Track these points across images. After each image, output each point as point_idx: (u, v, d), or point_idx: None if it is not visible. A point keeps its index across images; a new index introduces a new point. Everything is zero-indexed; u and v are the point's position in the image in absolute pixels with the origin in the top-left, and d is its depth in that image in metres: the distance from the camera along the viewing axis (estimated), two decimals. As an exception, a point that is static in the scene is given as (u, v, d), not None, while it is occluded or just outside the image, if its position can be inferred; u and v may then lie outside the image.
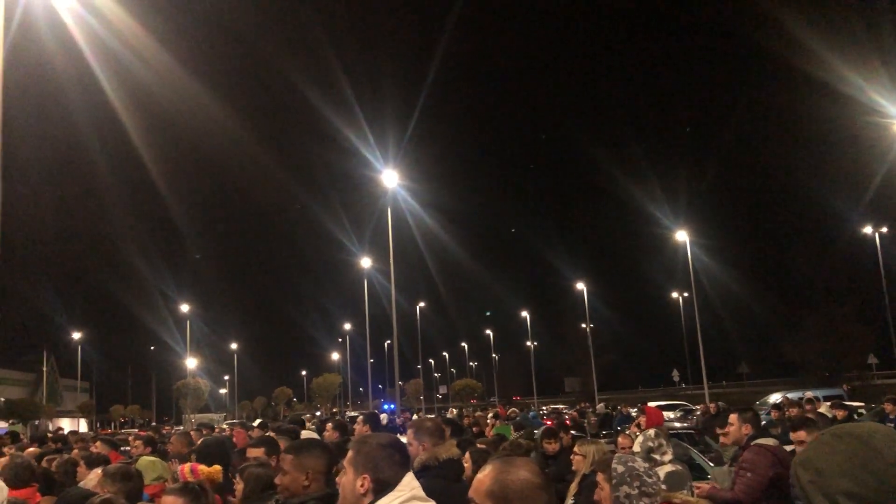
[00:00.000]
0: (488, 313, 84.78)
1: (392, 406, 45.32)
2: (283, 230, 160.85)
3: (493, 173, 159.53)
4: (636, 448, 5.42)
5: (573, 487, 6.09)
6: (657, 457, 5.13)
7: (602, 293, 72.13)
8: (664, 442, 5.32)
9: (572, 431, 9.80)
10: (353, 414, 33.75)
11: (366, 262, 49.52)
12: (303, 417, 18.01)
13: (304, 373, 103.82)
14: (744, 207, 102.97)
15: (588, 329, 63.66)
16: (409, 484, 2.93)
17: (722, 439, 6.31)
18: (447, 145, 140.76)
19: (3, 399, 57.32)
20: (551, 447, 8.14)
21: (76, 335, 75.67)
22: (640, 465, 3.56)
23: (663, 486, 3.60)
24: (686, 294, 61.83)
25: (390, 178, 32.71)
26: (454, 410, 40.65)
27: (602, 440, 10.78)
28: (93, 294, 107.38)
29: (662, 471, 5.01)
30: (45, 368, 72.77)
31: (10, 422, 51.63)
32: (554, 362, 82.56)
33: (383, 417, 19.24)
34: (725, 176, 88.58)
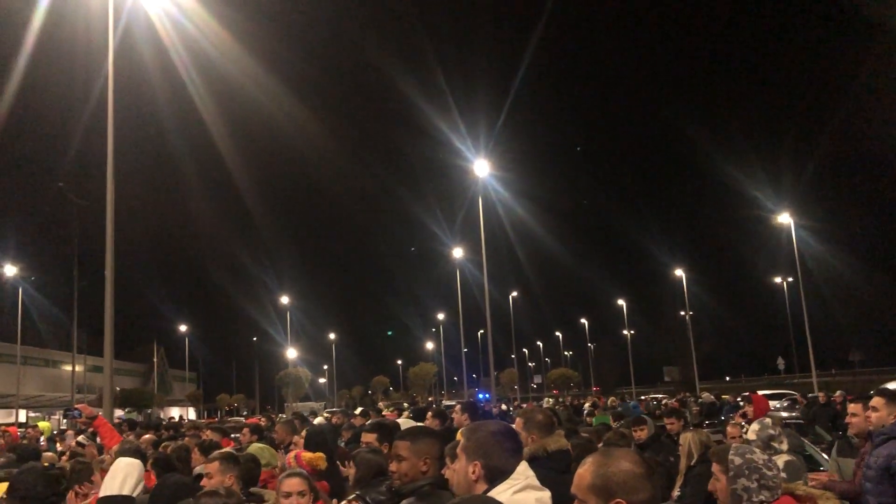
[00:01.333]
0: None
1: (487, 395, 45.42)
2: (377, 222, 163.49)
3: (587, 159, 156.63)
4: (751, 437, 5.20)
5: (679, 479, 5.93)
6: (775, 445, 4.92)
7: (701, 279, 70.13)
8: (781, 430, 5.10)
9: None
10: (449, 403, 34.02)
11: (458, 253, 49.70)
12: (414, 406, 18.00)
13: (399, 362, 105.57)
14: (853, 187, 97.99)
15: (687, 317, 62.07)
16: (524, 473, 2.92)
17: (851, 429, 6.00)
18: (540, 133, 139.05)
19: (118, 388, 60.57)
20: (638, 435, 7.98)
21: (184, 327, 79.23)
22: (759, 456, 3.39)
23: (783, 475, 3.43)
24: (790, 279, 59.40)
25: (481, 168, 32.76)
26: (549, 400, 40.39)
27: (705, 430, 10.46)
28: (199, 288, 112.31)
29: (780, 460, 4.81)
30: (155, 359, 76.47)
31: (127, 410, 54.49)
32: (652, 351, 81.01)
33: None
34: (833, 154, 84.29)
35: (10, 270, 45.30)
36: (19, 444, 10.17)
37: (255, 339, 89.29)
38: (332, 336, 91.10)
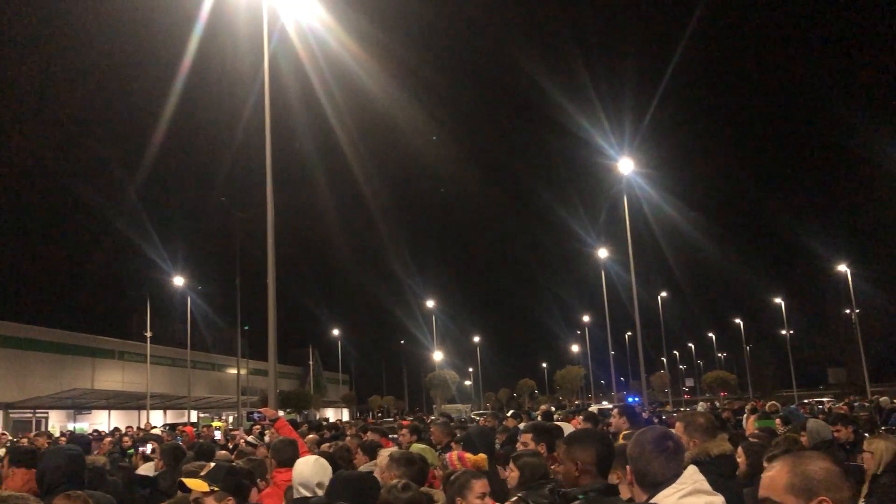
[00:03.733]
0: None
1: (637, 399, 44.29)
2: (519, 224, 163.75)
3: (739, 152, 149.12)
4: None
5: (864, 489, 5.53)
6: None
7: (869, 274, 65.06)
8: None
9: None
10: (602, 406, 33.51)
11: (602, 253, 48.91)
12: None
13: (544, 365, 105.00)
14: None
15: (854, 315, 57.90)
16: (692, 477, 2.86)
17: None
18: (690, 128, 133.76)
19: (279, 390, 63.47)
20: (842, 434, 7.46)
21: (336, 331, 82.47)
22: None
23: None
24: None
25: (626, 166, 32.20)
26: (705, 404, 38.86)
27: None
28: (350, 293, 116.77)
29: None
30: (311, 362, 79.90)
31: (287, 410, 57.24)
32: (814, 352, 76.31)
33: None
34: None
35: (179, 281, 48.75)
36: (197, 442, 10.91)
37: (402, 342, 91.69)
38: (476, 339, 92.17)
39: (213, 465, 4.03)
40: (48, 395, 39.57)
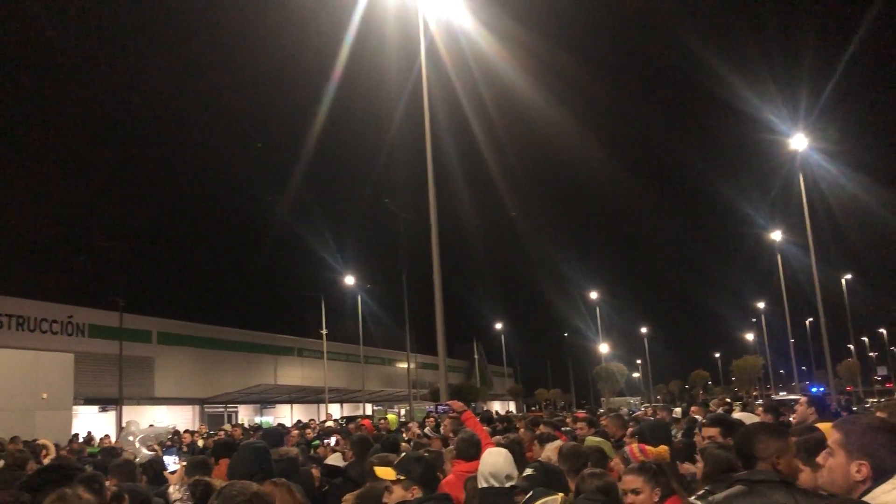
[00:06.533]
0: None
1: (822, 388, 41.76)
2: (684, 208, 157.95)
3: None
4: None
5: None
6: None
7: None
8: None
9: None
10: (792, 396, 31.86)
11: (777, 235, 46.26)
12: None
13: (717, 355, 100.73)
14: None
15: None
16: None
17: None
18: (878, 97, 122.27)
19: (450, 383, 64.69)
20: None
21: (499, 325, 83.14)
22: None
23: None
24: None
25: (799, 142, 30.48)
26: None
27: None
28: (513, 286, 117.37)
29: None
30: (476, 356, 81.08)
31: (457, 404, 58.23)
32: None
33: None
34: None
35: (350, 280, 50.99)
36: (381, 434, 11.38)
37: (566, 334, 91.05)
38: (643, 330, 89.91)
39: (402, 455, 4.24)
40: (237, 391, 42.59)
